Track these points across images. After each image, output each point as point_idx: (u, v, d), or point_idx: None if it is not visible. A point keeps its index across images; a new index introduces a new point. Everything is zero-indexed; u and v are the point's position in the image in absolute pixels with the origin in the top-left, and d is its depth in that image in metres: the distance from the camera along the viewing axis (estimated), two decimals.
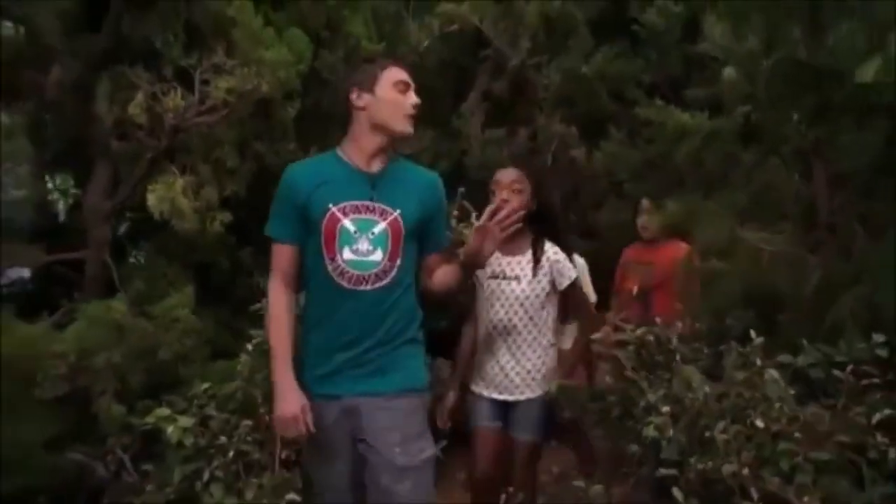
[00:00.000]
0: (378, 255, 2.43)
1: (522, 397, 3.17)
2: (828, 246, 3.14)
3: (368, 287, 2.43)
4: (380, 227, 2.44)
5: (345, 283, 2.42)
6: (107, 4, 3.54)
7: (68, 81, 3.42)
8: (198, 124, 3.41)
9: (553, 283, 3.14)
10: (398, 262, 2.46)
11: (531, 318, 3.15)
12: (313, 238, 2.44)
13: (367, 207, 2.44)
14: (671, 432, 2.71)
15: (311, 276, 2.49)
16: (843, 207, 3.12)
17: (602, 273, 4.30)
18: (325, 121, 4.54)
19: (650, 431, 2.76)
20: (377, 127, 2.46)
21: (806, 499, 2.25)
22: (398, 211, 2.45)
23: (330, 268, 2.43)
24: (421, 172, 2.61)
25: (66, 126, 3.78)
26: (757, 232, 3.10)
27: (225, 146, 3.58)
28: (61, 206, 4.91)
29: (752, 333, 2.65)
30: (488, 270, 3.18)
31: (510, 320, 3.15)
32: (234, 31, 3.34)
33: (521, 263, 3.14)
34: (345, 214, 2.43)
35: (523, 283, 3.12)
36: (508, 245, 3.06)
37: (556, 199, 3.28)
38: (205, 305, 3.83)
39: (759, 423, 2.48)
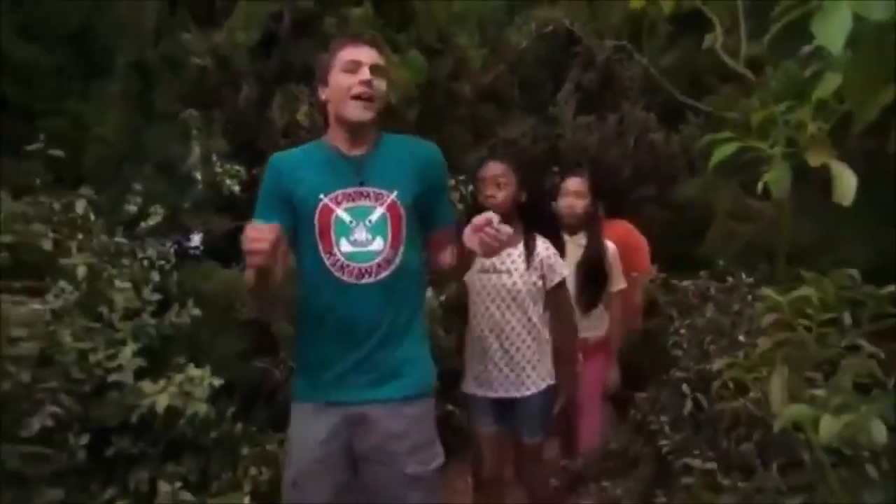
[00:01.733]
0: (378, 244, 2.28)
1: (518, 394, 3.10)
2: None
3: (372, 279, 2.28)
4: (377, 212, 2.28)
5: (345, 278, 2.26)
6: (277, 38, 4.80)
7: (252, 96, 4.70)
8: None
9: (543, 279, 3.10)
10: (401, 247, 2.31)
11: (525, 313, 3.06)
12: (306, 233, 2.29)
13: (361, 194, 2.28)
14: (685, 345, 3.72)
15: (307, 275, 2.33)
16: None
17: (677, 240, 5.08)
18: (440, 119, 5.67)
19: (674, 349, 3.79)
20: (339, 119, 2.35)
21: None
22: (394, 192, 2.30)
23: (328, 262, 2.27)
24: (415, 145, 2.45)
25: (246, 128, 5.07)
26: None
27: None
28: (235, 187, 6.25)
29: (743, 275, 3.60)
30: (478, 264, 3.08)
31: (503, 315, 3.07)
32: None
33: (511, 256, 3.09)
34: (337, 204, 2.27)
35: (515, 277, 3.07)
36: None
37: (540, 187, 3.39)
38: None
39: (742, 338, 3.45)
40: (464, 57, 5.61)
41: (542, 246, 3.11)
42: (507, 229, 2.20)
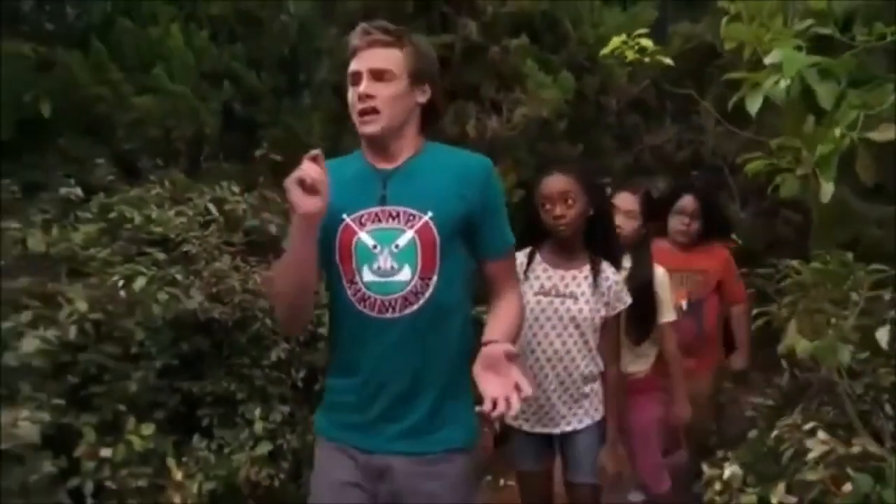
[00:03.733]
0: (405, 274, 1.95)
1: (569, 428, 2.79)
2: None
3: (396, 314, 1.96)
4: (405, 237, 1.95)
5: (367, 311, 1.97)
6: (449, 63, 5.79)
7: None
8: (505, 135, 5.58)
9: (607, 306, 2.79)
10: (434, 278, 1.96)
11: (585, 343, 2.76)
12: (330, 257, 2.00)
13: (389, 214, 1.97)
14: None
15: (333, 305, 2.06)
16: None
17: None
18: (588, 129, 6.49)
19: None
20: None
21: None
22: (429, 213, 1.96)
23: (350, 292, 1.99)
24: (460, 158, 2.07)
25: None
26: None
27: (521, 148, 5.70)
28: None
29: None
30: (535, 284, 2.79)
31: (563, 343, 2.74)
32: (526, 79, 5.43)
33: (577, 280, 2.77)
34: (361, 225, 1.97)
35: (581, 303, 2.74)
36: (561, 257, 2.82)
37: (609, 204, 3.09)
38: None
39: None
40: (610, 73, 6.40)
41: (610, 270, 2.79)
42: (527, 390, 1.74)
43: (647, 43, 2.94)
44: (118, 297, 3.66)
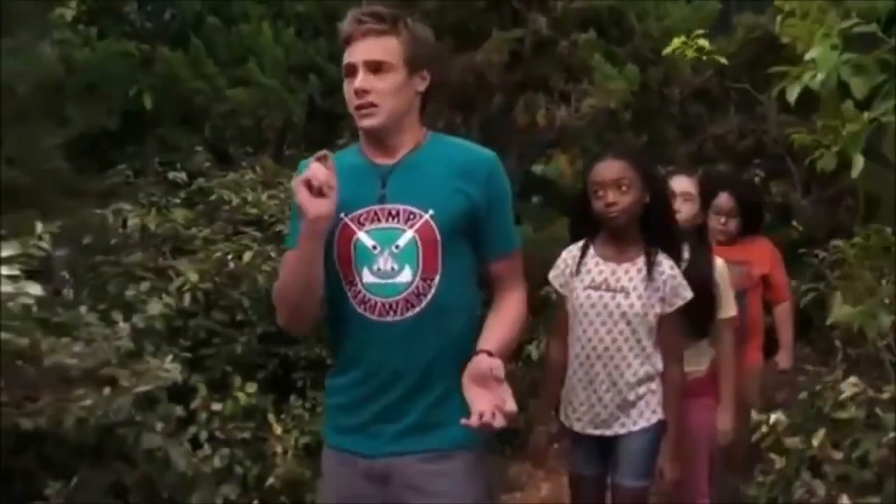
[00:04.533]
0: (406, 275, 1.88)
1: (623, 430, 2.65)
2: None
3: (397, 317, 1.88)
4: (405, 236, 1.88)
5: (368, 314, 1.89)
6: (520, 57, 6.12)
7: (501, 102, 6.06)
8: (573, 125, 5.89)
9: (663, 302, 2.62)
10: (437, 279, 1.89)
11: (638, 341, 2.62)
12: (328, 258, 1.91)
13: (389, 213, 1.89)
14: None
15: (332, 309, 1.96)
16: None
17: None
18: (652, 119, 6.74)
19: None
20: None
21: None
22: (430, 211, 1.88)
23: (350, 295, 1.91)
24: (463, 151, 1.98)
25: (496, 126, 6.45)
26: None
27: (588, 137, 6.00)
28: None
29: None
30: (586, 279, 2.67)
31: (614, 341, 2.61)
32: (594, 71, 5.73)
33: (629, 273, 2.63)
34: (360, 225, 1.89)
35: (632, 297, 2.60)
36: (614, 250, 2.67)
37: (667, 191, 2.87)
38: None
39: None
40: (674, 65, 6.64)
41: (667, 264, 2.64)
42: (511, 408, 1.71)
43: (703, 43, 3.19)
44: (225, 270, 4.09)
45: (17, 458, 2.65)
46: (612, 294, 2.63)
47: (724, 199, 3.59)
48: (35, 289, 2.61)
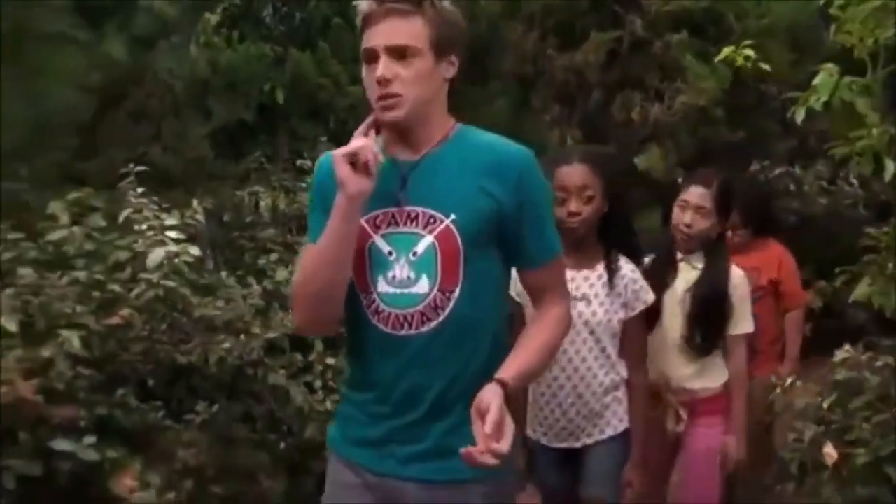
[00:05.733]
0: (423, 286, 1.70)
1: (590, 440, 2.54)
2: None
3: (412, 331, 1.71)
4: (424, 242, 1.69)
5: (382, 326, 1.73)
6: (618, 56, 6.52)
7: (599, 99, 6.49)
8: (666, 121, 6.25)
9: (625, 307, 2.52)
10: (457, 290, 1.70)
11: (602, 349, 2.50)
12: None
13: (407, 216, 1.71)
14: None
15: (347, 317, 1.79)
16: None
17: None
18: (749, 114, 6.98)
19: None
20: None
21: None
22: (451, 216, 1.69)
23: (364, 304, 1.74)
24: (494, 148, 1.76)
25: (594, 122, 6.86)
26: None
27: (681, 132, 6.36)
28: None
29: None
30: None
31: (577, 351, 2.48)
32: (686, 70, 6.08)
33: (589, 280, 2.50)
34: (376, 228, 1.72)
35: (594, 305, 2.48)
36: (572, 257, 2.40)
37: (627, 197, 2.79)
38: None
39: None
40: (770, 61, 6.87)
41: (628, 268, 2.53)
42: (502, 449, 1.54)
43: (749, 52, 3.46)
44: None
45: (172, 386, 3.33)
46: (573, 303, 2.33)
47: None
48: (195, 250, 3.29)
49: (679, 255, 2.88)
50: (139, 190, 3.65)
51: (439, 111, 1.78)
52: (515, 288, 2.32)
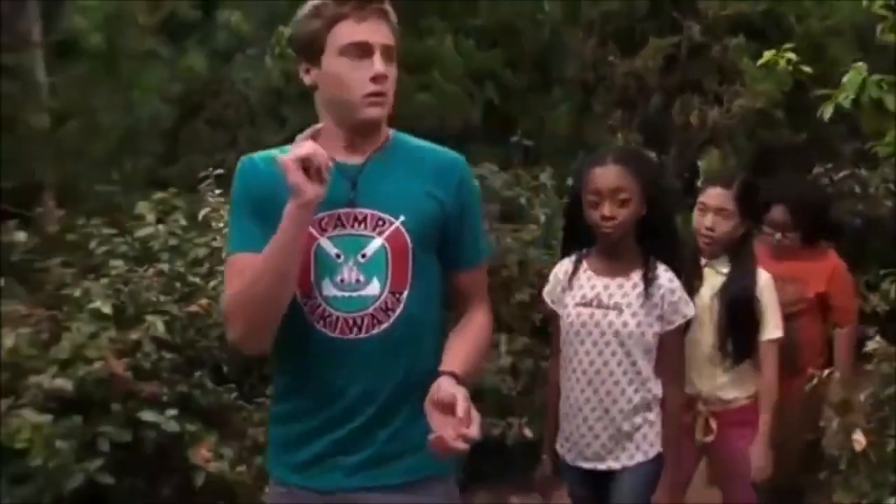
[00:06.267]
0: (374, 288, 1.68)
1: (617, 465, 2.41)
2: None
3: (362, 334, 1.68)
4: (373, 244, 1.68)
5: (328, 331, 1.68)
6: (677, 60, 6.64)
7: (659, 103, 6.62)
8: (724, 124, 6.34)
9: (661, 320, 2.39)
10: (406, 292, 1.71)
11: (633, 363, 2.38)
12: None
13: (355, 218, 1.68)
14: None
15: (281, 325, 1.69)
16: None
17: None
18: (810, 114, 6.99)
19: None
20: (333, 114, 1.71)
21: None
22: (401, 217, 1.69)
23: (306, 309, 1.69)
24: (432, 153, 1.79)
25: (654, 126, 6.99)
26: None
27: (740, 134, 6.44)
28: None
29: None
30: (577, 295, 2.42)
31: (605, 363, 2.37)
32: (744, 74, 6.17)
33: (623, 288, 2.39)
34: (322, 230, 1.68)
35: (626, 315, 2.37)
36: (607, 263, 2.42)
37: (671, 204, 2.70)
38: None
39: None
40: (835, 62, 6.88)
41: (666, 277, 2.41)
42: (474, 434, 1.52)
43: (791, 55, 3.52)
44: None
45: (247, 374, 3.62)
46: (604, 311, 2.37)
47: (778, 213, 3.15)
48: None
49: (703, 261, 2.77)
50: (217, 192, 4.00)
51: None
52: (551, 296, 2.46)
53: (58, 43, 4.92)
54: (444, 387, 1.57)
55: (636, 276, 2.37)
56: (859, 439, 2.74)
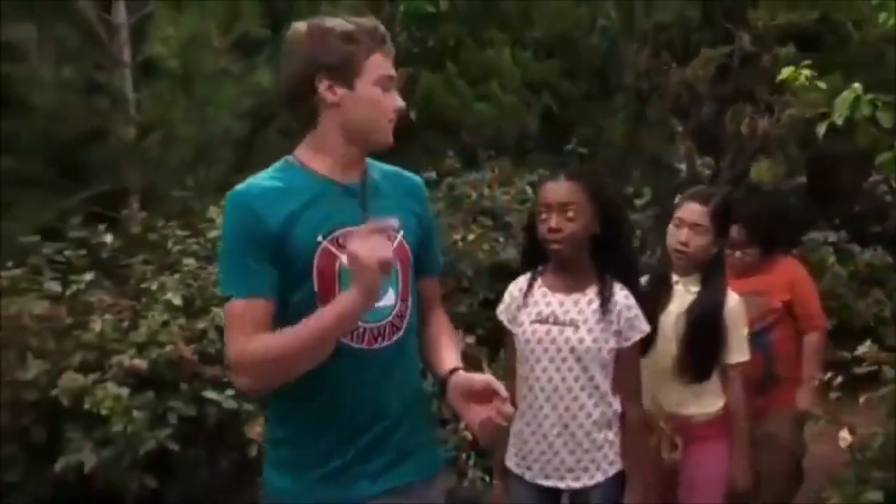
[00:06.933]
0: (390, 297, 1.79)
1: (577, 485, 2.39)
2: None
3: (385, 342, 1.79)
4: None
5: (355, 344, 1.76)
6: (729, 69, 6.78)
7: (711, 111, 6.80)
8: (774, 133, 6.48)
9: (618, 336, 2.37)
10: (409, 300, 1.85)
11: (590, 379, 2.36)
12: (297, 287, 1.76)
13: None
14: None
15: None
16: None
17: None
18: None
19: None
20: (352, 134, 1.79)
21: None
22: (401, 231, 1.81)
23: None
24: (400, 174, 1.96)
25: (706, 134, 7.16)
26: None
27: (790, 144, 6.56)
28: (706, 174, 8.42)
29: None
30: (533, 312, 2.41)
31: (563, 380, 2.35)
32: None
33: (579, 305, 2.37)
34: (339, 247, 1.74)
35: (582, 331, 2.35)
36: (563, 279, 2.41)
37: (625, 223, 2.69)
38: None
39: None
40: (892, 68, 6.92)
41: (622, 294, 2.39)
42: (510, 410, 1.68)
43: (808, 72, 3.68)
44: (457, 248, 5.32)
45: None
46: (560, 328, 2.37)
47: (734, 232, 3.12)
48: None
49: (675, 278, 2.77)
50: None
51: None
52: (505, 315, 2.47)
53: (143, 63, 5.45)
54: (476, 378, 1.73)
55: (591, 292, 2.38)
56: (845, 437, 2.95)
